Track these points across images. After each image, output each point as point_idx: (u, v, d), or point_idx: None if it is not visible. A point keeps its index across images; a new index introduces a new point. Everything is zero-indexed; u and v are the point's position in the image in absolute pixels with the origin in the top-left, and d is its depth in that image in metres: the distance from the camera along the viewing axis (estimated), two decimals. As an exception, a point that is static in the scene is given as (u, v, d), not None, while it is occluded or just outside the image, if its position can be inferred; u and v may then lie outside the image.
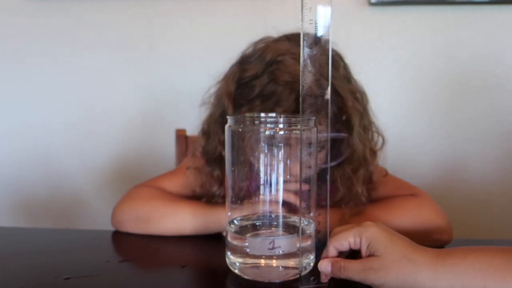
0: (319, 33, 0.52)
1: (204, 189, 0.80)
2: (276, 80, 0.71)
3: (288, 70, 0.70)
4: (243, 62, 0.77)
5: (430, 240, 0.66)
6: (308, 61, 0.53)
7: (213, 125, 0.77)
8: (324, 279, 0.55)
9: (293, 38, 0.77)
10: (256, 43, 0.78)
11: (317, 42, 0.52)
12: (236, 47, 0.80)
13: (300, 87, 0.53)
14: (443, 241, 0.68)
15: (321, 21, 0.52)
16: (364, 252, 0.53)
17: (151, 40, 1.41)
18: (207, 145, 0.78)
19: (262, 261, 0.55)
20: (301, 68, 0.52)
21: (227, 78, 0.77)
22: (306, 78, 0.53)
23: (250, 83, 0.73)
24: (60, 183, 1.49)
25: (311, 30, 0.52)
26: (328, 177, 0.55)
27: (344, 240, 0.54)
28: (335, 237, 0.55)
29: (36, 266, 0.62)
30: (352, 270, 0.52)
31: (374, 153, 0.77)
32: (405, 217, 0.69)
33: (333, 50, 0.76)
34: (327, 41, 0.52)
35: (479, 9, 1.32)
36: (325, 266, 0.54)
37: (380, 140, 0.79)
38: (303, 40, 0.52)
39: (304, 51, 0.52)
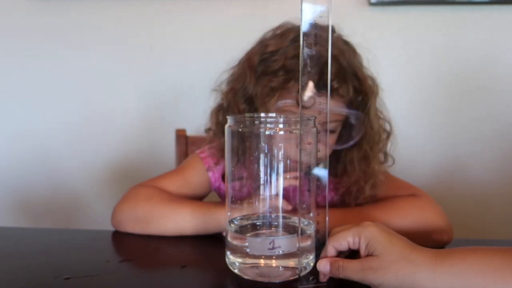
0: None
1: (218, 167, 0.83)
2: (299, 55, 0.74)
3: None
4: (265, 40, 0.80)
5: (430, 240, 0.66)
6: (308, 61, 0.53)
7: (233, 98, 0.79)
8: (322, 278, 0.55)
9: None
10: (275, 28, 0.81)
11: (317, 42, 0.52)
12: (236, 47, 0.81)
13: (300, 86, 0.53)
14: (443, 241, 0.68)
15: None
16: (362, 252, 0.53)
17: (151, 40, 1.41)
18: (224, 119, 0.80)
19: (262, 261, 0.55)
20: (300, 68, 0.52)
21: (249, 54, 0.80)
22: (305, 76, 0.53)
23: (273, 58, 0.76)
24: (60, 183, 1.49)
25: (311, 29, 0.52)
26: (327, 176, 0.55)
27: (343, 240, 0.54)
28: (334, 237, 0.55)
29: (36, 266, 0.62)
30: (351, 269, 0.52)
31: (388, 134, 0.81)
32: (405, 217, 0.69)
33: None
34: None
35: (479, 9, 1.32)
36: (323, 266, 0.54)
37: (388, 127, 0.83)
38: (303, 40, 0.52)
39: (304, 51, 0.52)
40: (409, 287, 0.48)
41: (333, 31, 0.82)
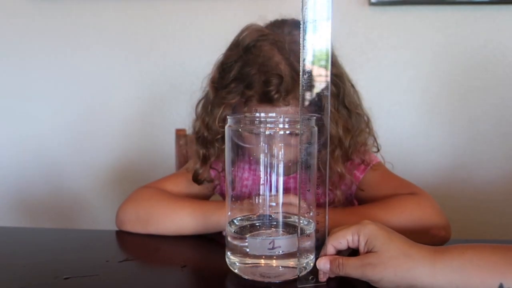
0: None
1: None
2: (249, 64, 0.74)
3: (262, 55, 0.74)
4: (228, 49, 0.81)
5: (427, 236, 0.66)
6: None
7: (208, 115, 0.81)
8: (322, 278, 0.55)
9: (277, 25, 0.82)
10: (241, 30, 0.81)
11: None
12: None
13: (300, 86, 0.53)
14: (441, 236, 0.68)
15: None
16: (362, 249, 0.53)
17: (151, 40, 1.42)
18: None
19: (262, 261, 0.55)
20: (301, 68, 0.52)
21: (214, 65, 0.81)
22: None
23: (230, 68, 0.77)
24: (60, 183, 1.49)
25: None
26: (327, 176, 0.55)
27: (342, 238, 0.54)
28: (333, 235, 0.55)
29: (36, 266, 0.62)
30: (350, 266, 0.52)
31: (348, 130, 0.77)
32: (403, 215, 0.69)
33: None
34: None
35: (479, 9, 1.32)
36: (323, 264, 0.54)
37: (367, 123, 0.82)
38: (303, 40, 0.52)
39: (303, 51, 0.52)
40: (408, 283, 0.48)
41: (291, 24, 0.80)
